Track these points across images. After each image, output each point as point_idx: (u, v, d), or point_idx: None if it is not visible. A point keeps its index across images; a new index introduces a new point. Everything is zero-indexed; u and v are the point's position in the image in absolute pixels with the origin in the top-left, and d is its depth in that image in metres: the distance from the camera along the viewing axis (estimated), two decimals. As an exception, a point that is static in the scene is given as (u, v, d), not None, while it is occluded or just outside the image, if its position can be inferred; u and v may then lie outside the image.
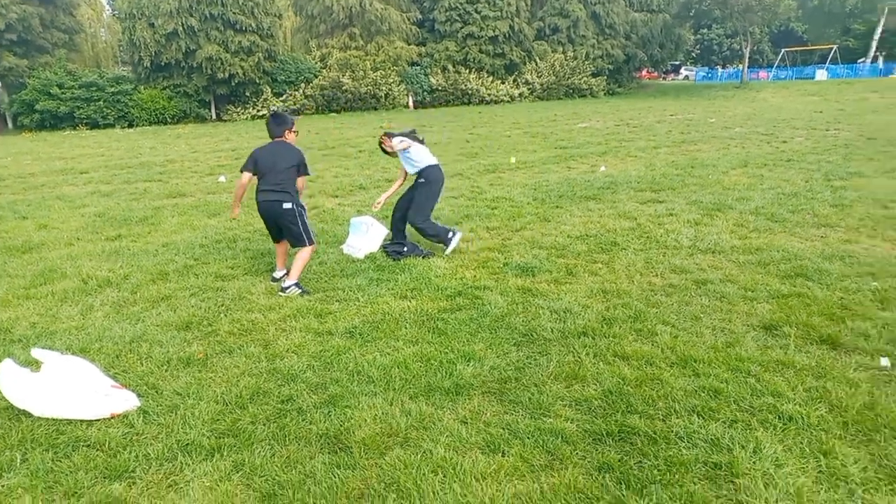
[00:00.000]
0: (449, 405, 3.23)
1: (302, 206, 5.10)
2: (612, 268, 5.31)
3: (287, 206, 4.96)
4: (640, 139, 14.89)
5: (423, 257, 5.76)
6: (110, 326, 4.32)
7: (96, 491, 2.59)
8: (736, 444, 2.80)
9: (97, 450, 2.87)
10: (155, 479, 2.67)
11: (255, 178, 5.00)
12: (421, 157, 5.86)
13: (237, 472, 2.70)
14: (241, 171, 4.98)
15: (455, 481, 2.60)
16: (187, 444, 2.88)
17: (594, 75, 36.28)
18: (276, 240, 5.28)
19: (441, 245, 5.92)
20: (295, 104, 28.08)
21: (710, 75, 56.60)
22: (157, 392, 3.39)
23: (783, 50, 49.64)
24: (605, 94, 37.14)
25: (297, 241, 5.09)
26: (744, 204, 7.40)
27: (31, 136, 21.75)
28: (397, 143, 5.71)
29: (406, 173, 6.03)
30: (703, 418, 3.02)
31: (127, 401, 3.21)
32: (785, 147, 12.46)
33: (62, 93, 24.24)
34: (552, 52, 35.27)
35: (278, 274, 5.27)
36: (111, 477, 2.67)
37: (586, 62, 35.75)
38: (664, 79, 57.05)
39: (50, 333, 4.23)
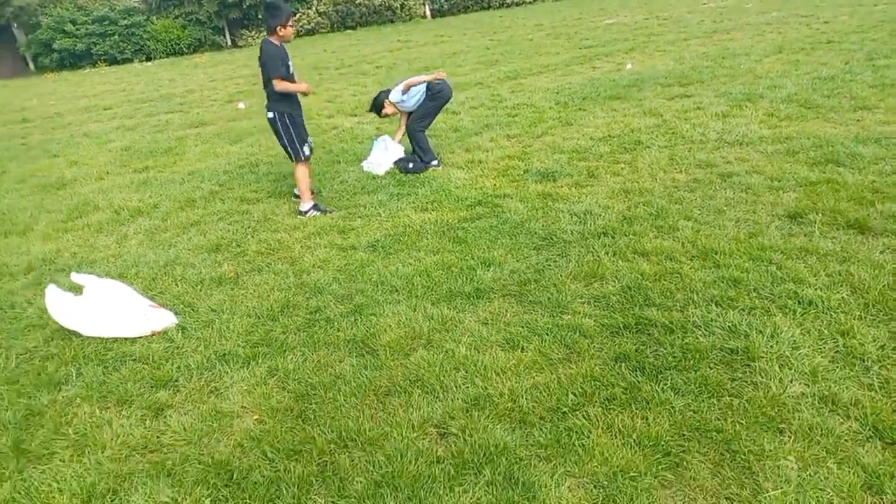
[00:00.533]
0: (470, 308, 3.32)
1: (288, 116, 4.75)
2: (635, 167, 5.21)
3: (269, 115, 4.78)
4: (669, 32, 14.09)
5: (431, 168, 5.77)
6: (145, 253, 4.50)
7: (145, 398, 2.80)
8: (753, 329, 2.83)
9: (142, 363, 3.08)
10: (197, 386, 2.87)
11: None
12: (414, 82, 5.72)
13: (272, 377, 2.87)
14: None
15: (476, 376, 2.73)
16: (224, 355, 3.07)
17: (621, -34, 33.88)
18: None
19: (421, 165, 5.82)
20: (309, 23, 27.23)
21: (748, -43, 52.44)
22: (192, 310, 3.57)
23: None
24: (633, -14, 34.85)
25: (287, 155, 4.93)
26: (775, 92, 7.05)
27: (54, 77, 21.83)
28: (399, 91, 5.65)
29: (408, 114, 5.89)
30: (721, 307, 3.05)
31: (165, 319, 3.39)
32: (826, 28, 11.64)
33: (76, 29, 23.96)
34: (575, -56, 32.90)
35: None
36: (157, 386, 2.89)
37: (612, -48, 33.31)
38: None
39: (90, 262, 4.43)
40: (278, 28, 4.63)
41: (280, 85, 4.60)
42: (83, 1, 25.82)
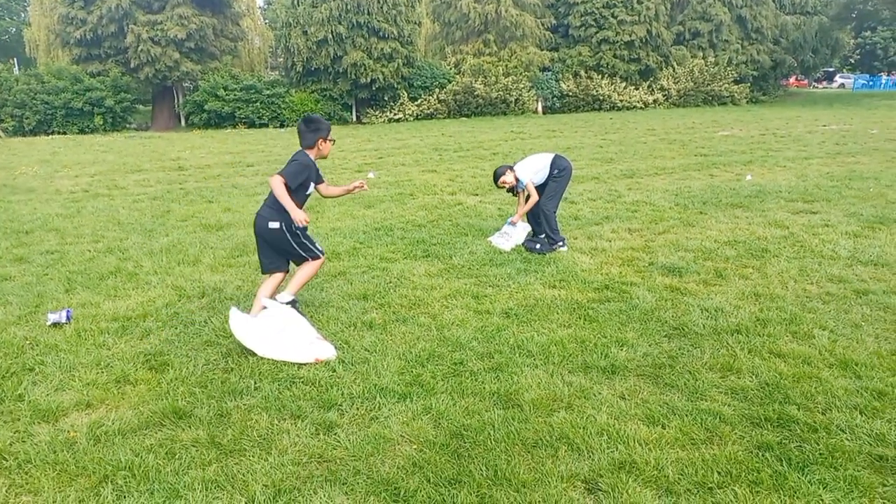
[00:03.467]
0: (606, 382, 3.51)
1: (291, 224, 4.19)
2: (764, 273, 5.29)
3: (273, 225, 4.26)
4: (788, 149, 14.08)
5: (558, 249, 6.11)
6: (301, 293, 5.02)
7: (315, 416, 3.16)
8: (903, 442, 2.83)
9: (310, 386, 3.47)
10: (359, 412, 3.20)
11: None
12: (538, 162, 6.23)
13: (426, 414, 3.16)
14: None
15: (619, 442, 2.89)
16: (382, 389, 3.40)
17: (736, 82, 34.26)
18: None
19: (548, 246, 6.14)
20: (429, 108, 29.27)
21: (871, 83, 51.44)
22: (349, 346, 3.97)
23: (965, 54, 44.05)
24: (747, 101, 34.99)
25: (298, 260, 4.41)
26: (913, 218, 6.94)
27: (200, 133, 24.49)
28: (526, 175, 6.17)
29: (525, 196, 6.34)
30: (866, 416, 3.07)
31: (328, 350, 3.81)
32: (964, 161, 11.28)
33: (226, 94, 27.05)
34: (691, 57, 33.79)
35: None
36: (325, 407, 3.24)
37: (728, 68, 33.84)
38: (815, 87, 52.64)
39: (252, 294, 4.99)
40: (319, 141, 4.30)
41: (282, 196, 4.02)
42: (236, 71, 29.21)
